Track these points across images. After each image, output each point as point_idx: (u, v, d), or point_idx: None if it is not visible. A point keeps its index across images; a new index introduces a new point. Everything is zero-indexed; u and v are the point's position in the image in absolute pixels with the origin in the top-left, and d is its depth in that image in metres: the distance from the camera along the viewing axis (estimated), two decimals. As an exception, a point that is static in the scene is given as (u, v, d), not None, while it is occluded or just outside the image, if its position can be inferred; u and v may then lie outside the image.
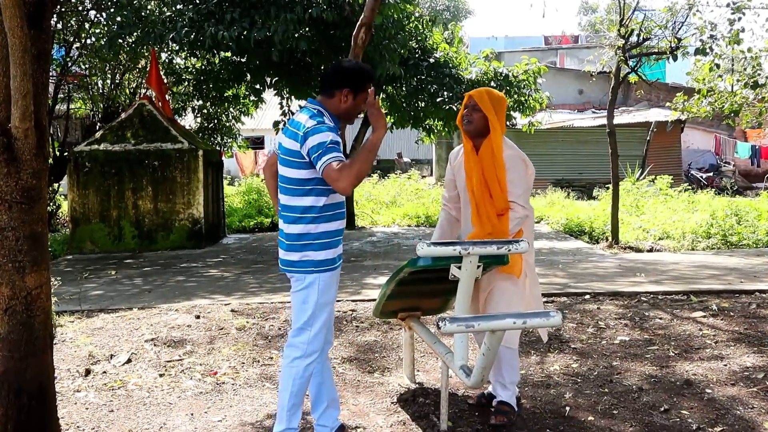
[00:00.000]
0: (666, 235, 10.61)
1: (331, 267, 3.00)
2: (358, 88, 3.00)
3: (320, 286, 2.97)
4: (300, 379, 2.99)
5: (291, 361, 3.01)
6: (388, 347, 4.84)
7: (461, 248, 2.98)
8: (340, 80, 2.99)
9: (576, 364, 4.40)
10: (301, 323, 3.00)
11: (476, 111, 3.45)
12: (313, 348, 3.00)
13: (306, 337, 2.99)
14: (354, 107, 3.03)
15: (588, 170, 20.26)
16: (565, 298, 6.39)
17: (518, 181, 3.41)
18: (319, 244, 2.96)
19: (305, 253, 2.96)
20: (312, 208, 2.95)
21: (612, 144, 10.03)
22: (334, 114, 3.01)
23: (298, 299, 3.02)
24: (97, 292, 7.07)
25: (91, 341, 5.03)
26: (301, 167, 2.92)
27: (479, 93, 3.48)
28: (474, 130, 3.46)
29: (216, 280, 7.78)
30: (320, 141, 2.83)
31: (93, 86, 13.29)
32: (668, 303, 6.12)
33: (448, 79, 11.49)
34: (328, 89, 3.00)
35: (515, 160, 3.43)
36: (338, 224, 3.03)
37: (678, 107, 11.33)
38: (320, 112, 2.98)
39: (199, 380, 4.18)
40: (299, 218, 2.96)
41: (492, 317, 2.73)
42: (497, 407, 3.48)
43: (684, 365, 4.34)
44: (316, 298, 2.97)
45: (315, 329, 2.99)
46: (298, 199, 2.96)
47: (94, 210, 10.38)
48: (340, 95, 2.99)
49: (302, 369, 2.99)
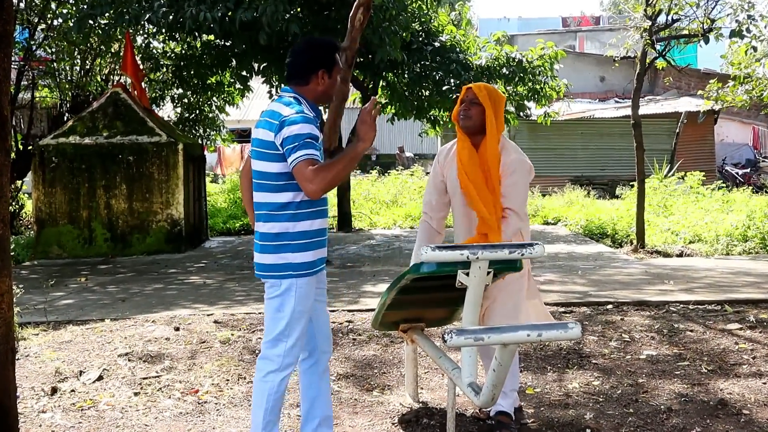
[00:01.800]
0: (698, 238, 10.61)
1: (311, 271, 3.00)
2: (331, 64, 3.05)
3: (298, 293, 2.97)
4: (275, 395, 3.00)
5: (264, 375, 3.01)
6: (389, 362, 4.83)
7: (469, 253, 2.97)
8: (311, 63, 3.02)
9: (597, 382, 4.39)
10: (275, 333, 3.00)
11: (475, 105, 3.50)
12: (289, 361, 3.01)
13: (281, 349, 2.99)
14: (331, 86, 3.08)
15: (610, 166, 20.25)
16: (585, 308, 6.38)
17: (521, 187, 3.49)
18: (298, 245, 2.96)
19: (282, 255, 2.96)
20: (289, 205, 2.95)
21: (637, 137, 10.03)
22: (312, 99, 3.05)
23: (271, 306, 3.01)
24: (65, 301, 7.06)
25: (58, 356, 5.02)
26: (275, 159, 2.92)
27: (478, 86, 3.55)
28: (472, 125, 3.51)
29: (198, 287, 7.77)
30: (297, 133, 2.85)
31: (60, 72, 13.29)
32: (700, 314, 6.12)
33: (455, 65, 11.48)
34: (299, 76, 3.04)
35: (521, 164, 3.51)
36: (320, 223, 3.03)
37: (711, 96, 11.32)
38: (297, 100, 3.00)
39: (179, 399, 4.17)
40: (275, 215, 2.96)
41: (504, 329, 2.72)
42: (498, 421, 3.58)
43: (718, 383, 4.33)
44: (293, 306, 2.97)
45: (291, 340, 2.99)
46: (273, 195, 2.96)
47: (61, 210, 10.37)
48: (316, 79, 3.03)
49: (277, 383, 3.00)
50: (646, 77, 12.00)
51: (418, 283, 3.35)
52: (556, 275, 8.08)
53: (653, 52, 10.06)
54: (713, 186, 15.33)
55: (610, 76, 24.53)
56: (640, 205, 10.12)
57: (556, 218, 14.29)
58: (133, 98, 10.81)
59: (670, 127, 20.41)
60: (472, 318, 3.13)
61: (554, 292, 7.05)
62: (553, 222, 14.20)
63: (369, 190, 17.32)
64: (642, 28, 9.87)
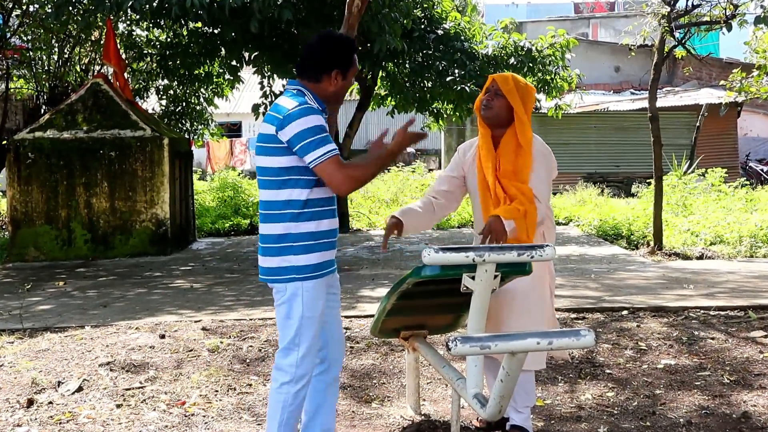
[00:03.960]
0: (719, 240, 10.62)
1: (318, 274, 3.01)
2: (347, 65, 3.06)
3: (305, 297, 2.99)
4: (290, 407, 3.02)
5: (279, 387, 3.04)
6: (389, 372, 4.84)
7: (475, 255, 2.98)
8: (326, 62, 3.03)
9: (612, 393, 4.39)
10: (286, 342, 3.03)
11: (499, 97, 3.51)
12: (303, 371, 3.03)
13: (293, 358, 3.02)
14: (344, 87, 3.10)
15: (626, 162, 20.26)
16: (598, 314, 6.39)
17: (543, 178, 3.51)
18: (302, 246, 2.98)
19: (285, 258, 2.98)
20: (292, 203, 2.97)
21: (655, 131, 10.03)
22: (322, 98, 3.06)
23: (280, 314, 3.05)
24: (43, 307, 7.06)
25: (35, 366, 5.03)
26: (276, 153, 2.95)
27: (504, 77, 3.55)
28: (493, 117, 3.51)
29: (184, 292, 7.77)
30: (307, 127, 2.87)
31: (37, 62, 13.28)
32: (722, 320, 6.12)
33: (459, 55, 11.49)
34: (312, 73, 3.04)
35: (544, 157, 3.54)
36: (328, 223, 3.05)
37: (734, 87, 11.33)
38: (301, 92, 3.02)
39: (164, 411, 4.17)
40: (278, 215, 2.99)
41: (512, 336, 2.73)
42: None
43: (741, 395, 4.34)
44: (301, 312, 2.99)
45: (303, 349, 3.01)
46: (274, 193, 2.99)
47: (38, 210, 10.38)
48: (329, 78, 3.04)
49: (292, 396, 3.02)
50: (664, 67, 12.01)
51: (420, 288, 3.35)
52: (568, 279, 8.08)
53: (672, 40, 10.07)
54: (736, 183, 15.34)
55: (625, 65, 24.52)
56: (658, 204, 10.12)
57: (568, 218, 14.29)
58: (115, 90, 10.81)
59: (690, 121, 20.42)
60: (477, 325, 3.14)
61: (565, 297, 7.05)
62: (565, 222, 14.21)
63: (367, 188, 17.31)
64: (660, 15, 9.87)
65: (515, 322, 3.47)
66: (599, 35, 29.69)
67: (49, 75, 13.33)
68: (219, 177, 16.74)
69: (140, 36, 13.17)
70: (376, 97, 13.28)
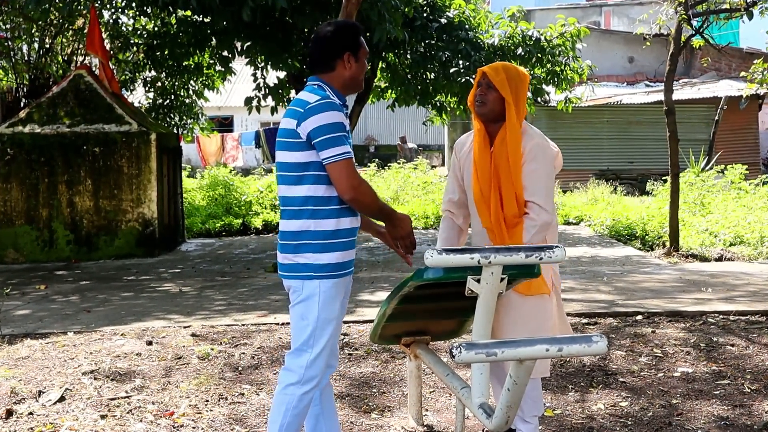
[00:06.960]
0: (739, 240, 10.62)
1: (337, 273, 3.07)
2: (356, 46, 3.16)
3: (322, 298, 3.05)
4: (294, 410, 3.06)
5: (284, 388, 3.09)
6: (389, 381, 4.84)
7: (480, 256, 2.98)
8: (335, 47, 3.13)
9: (626, 403, 4.40)
10: (299, 343, 3.09)
11: (491, 90, 3.50)
12: (312, 373, 3.08)
13: (305, 359, 3.07)
14: (360, 70, 3.18)
15: (640, 159, 20.28)
16: (611, 319, 6.39)
17: (541, 173, 3.47)
18: (320, 245, 3.04)
19: (302, 255, 3.05)
20: (310, 199, 3.04)
21: (671, 125, 10.03)
22: (340, 88, 3.15)
23: (295, 314, 3.11)
24: (22, 312, 7.06)
25: (14, 374, 5.03)
26: (294, 148, 3.03)
27: (494, 68, 3.55)
28: (489, 112, 3.52)
29: (173, 296, 7.78)
30: (328, 122, 2.97)
31: (16, 52, 13.28)
32: (742, 326, 6.12)
33: (463, 45, 11.48)
34: (324, 62, 3.14)
35: (543, 150, 3.50)
36: (350, 221, 3.12)
37: (755, 78, 11.32)
38: (321, 87, 3.10)
39: (152, 423, 4.17)
40: (297, 212, 3.07)
41: (519, 343, 2.72)
42: None
43: (763, 404, 4.34)
44: (317, 313, 3.05)
45: (316, 351, 3.07)
46: (292, 188, 3.07)
47: (18, 209, 10.38)
48: (342, 63, 3.13)
49: (297, 398, 3.06)
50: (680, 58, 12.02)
51: (422, 291, 3.35)
52: (578, 282, 8.09)
53: (689, 28, 10.07)
54: (757, 181, 15.33)
55: (639, 56, 24.53)
56: (674, 202, 10.12)
57: (579, 217, 14.30)
58: (100, 82, 10.81)
59: (708, 114, 20.43)
60: (483, 330, 3.14)
61: (576, 301, 7.05)
62: (575, 221, 14.22)
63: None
64: (676, 2, 9.88)
65: (510, 326, 3.48)
66: (612, 24, 29.68)
67: (29, 66, 13.32)
68: (209, 174, 16.73)
69: (126, 24, 13.15)
70: (375, 89, 13.27)
